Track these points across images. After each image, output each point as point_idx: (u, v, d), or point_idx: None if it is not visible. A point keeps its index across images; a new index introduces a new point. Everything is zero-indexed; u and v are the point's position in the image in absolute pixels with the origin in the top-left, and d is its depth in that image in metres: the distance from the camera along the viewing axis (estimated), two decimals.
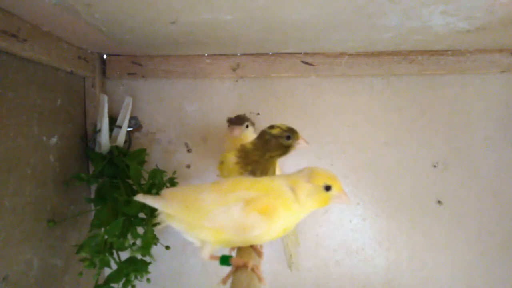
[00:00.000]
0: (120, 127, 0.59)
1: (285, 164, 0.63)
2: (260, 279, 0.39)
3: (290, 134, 0.51)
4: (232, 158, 0.54)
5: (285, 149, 0.52)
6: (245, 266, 0.39)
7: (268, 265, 0.65)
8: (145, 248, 0.47)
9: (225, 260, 0.41)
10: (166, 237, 0.58)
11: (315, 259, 0.65)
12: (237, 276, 0.40)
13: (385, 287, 0.65)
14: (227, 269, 0.41)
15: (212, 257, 0.41)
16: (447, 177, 0.64)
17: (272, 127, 0.53)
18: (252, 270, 0.39)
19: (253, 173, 0.52)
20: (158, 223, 0.50)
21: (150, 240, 0.48)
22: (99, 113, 0.58)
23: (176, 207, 0.40)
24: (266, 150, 0.53)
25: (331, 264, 0.65)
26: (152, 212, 0.50)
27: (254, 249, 0.44)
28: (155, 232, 0.51)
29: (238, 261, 0.40)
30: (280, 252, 0.63)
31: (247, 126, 0.56)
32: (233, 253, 0.46)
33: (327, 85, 0.63)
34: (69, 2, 0.36)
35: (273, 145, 0.52)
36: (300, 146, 0.51)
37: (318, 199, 0.40)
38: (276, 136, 0.52)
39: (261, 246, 0.47)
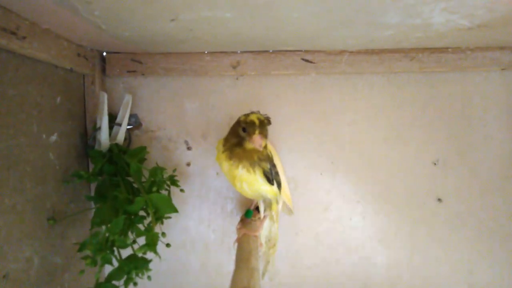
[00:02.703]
0: (120, 125, 0.59)
1: (284, 162, 0.63)
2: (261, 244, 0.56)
3: (246, 127, 0.47)
4: (220, 147, 0.52)
5: (239, 139, 0.48)
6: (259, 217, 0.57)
7: None
8: (151, 246, 0.47)
9: (249, 213, 0.59)
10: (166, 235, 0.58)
11: (315, 258, 0.65)
12: (237, 274, 0.40)
13: (386, 285, 0.65)
14: (226, 269, 0.41)
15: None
16: (447, 175, 0.64)
17: (247, 114, 0.49)
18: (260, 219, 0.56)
19: (238, 161, 0.49)
20: (160, 220, 0.51)
21: (155, 238, 0.48)
22: (99, 110, 0.58)
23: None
24: (231, 135, 0.50)
25: (331, 263, 0.65)
26: (156, 209, 0.50)
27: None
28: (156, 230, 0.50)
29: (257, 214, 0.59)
30: (280, 251, 0.63)
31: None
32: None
33: (328, 82, 0.63)
34: None
35: (234, 130, 0.50)
36: (252, 144, 0.47)
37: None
38: (239, 122, 0.49)
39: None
